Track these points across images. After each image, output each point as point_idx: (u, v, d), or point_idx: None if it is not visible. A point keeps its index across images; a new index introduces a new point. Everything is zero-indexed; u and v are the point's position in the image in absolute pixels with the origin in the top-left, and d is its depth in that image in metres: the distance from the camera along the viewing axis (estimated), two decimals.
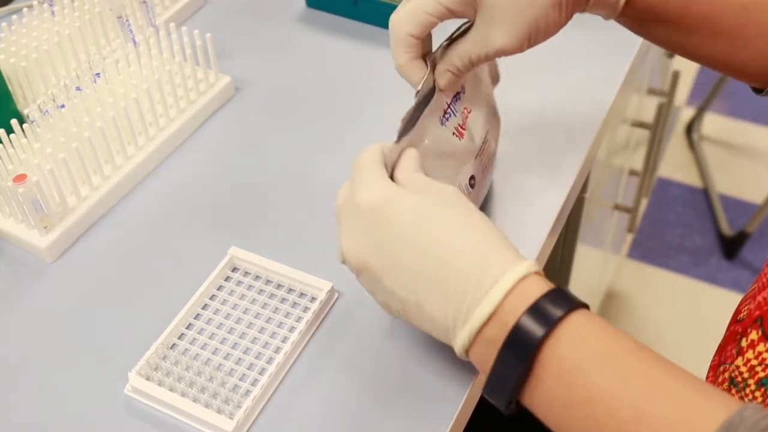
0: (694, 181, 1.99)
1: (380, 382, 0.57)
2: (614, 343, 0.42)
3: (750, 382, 0.49)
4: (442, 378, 0.56)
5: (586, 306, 0.43)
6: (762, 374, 0.48)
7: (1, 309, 0.63)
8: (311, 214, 0.69)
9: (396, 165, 0.51)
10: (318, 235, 0.67)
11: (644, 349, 0.42)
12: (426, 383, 0.56)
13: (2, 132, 0.66)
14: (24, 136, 0.67)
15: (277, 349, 0.58)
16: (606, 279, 1.62)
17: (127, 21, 0.80)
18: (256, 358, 0.58)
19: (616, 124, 1.02)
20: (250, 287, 0.63)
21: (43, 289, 0.64)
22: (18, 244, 0.67)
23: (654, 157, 1.38)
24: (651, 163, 1.37)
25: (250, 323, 0.60)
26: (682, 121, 2.12)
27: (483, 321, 0.43)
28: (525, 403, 0.44)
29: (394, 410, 0.55)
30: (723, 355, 0.54)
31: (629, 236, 1.78)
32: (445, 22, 0.55)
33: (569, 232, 1.00)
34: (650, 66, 1.19)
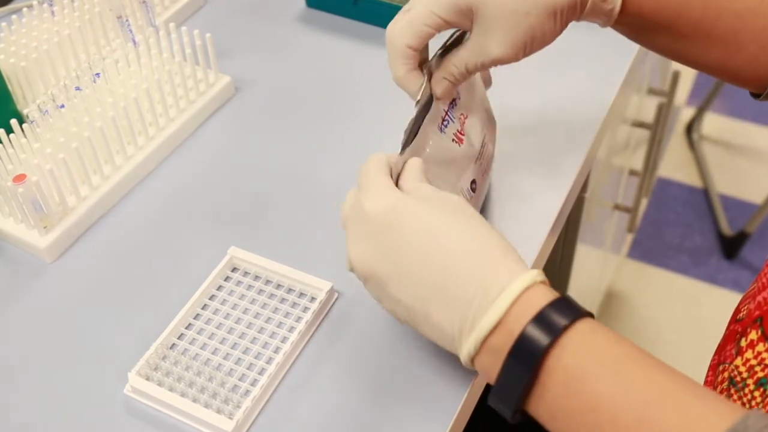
0: (694, 181, 1.99)
1: (380, 382, 0.57)
2: (618, 351, 0.42)
3: (749, 382, 0.49)
4: (442, 378, 0.56)
5: (591, 315, 0.44)
6: (761, 374, 0.48)
7: (1, 309, 0.63)
8: (311, 214, 0.69)
9: (401, 175, 0.52)
10: (318, 235, 0.67)
11: (648, 357, 0.42)
12: (426, 383, 0.56)
13: (2, 132, 0.66)
14: (24, 136, 0.67)
15: (277, 349, 0.58)
16: (606, 279, 1.62)
17: (127, 21, 0.80)
18: (256, 358, 0.58)
19: (616, 124, 1.02)
20: (249, 287, 0.63)
21: (43, 289, 0.64)
22: (18, 244, 0.67)
23: (654, 157, 1.38)
24: (651, 163, 1.37)
25: (250, 323, 0.60)
26: (682, 121, 2.12)
27: (489, 330, 0.43)
28: (530, 411, 0.44)
29: (393, 410, 0.55)
30: (722, 354, 0.54)
31: (629, 236, 1.78)
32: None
33: (569, 232, 1.00)
34: (650, 66, 1.19)
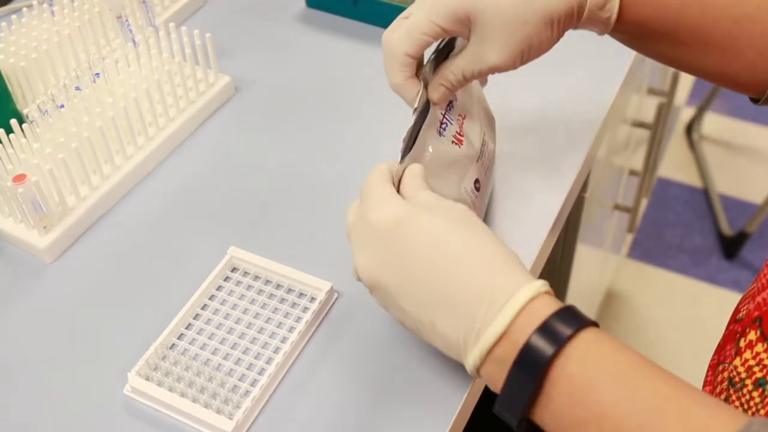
0: (694, 181, 1.99)
1: (380, 382, 0.57)
2: (622, 360, 0.42)
3: (747, 382, 0.49)
4: (442, 378, 0.56)
5: (595, 324, 0.44)
6: (759, 374, 0.48)
7: (1, 309, 0.63)
8: (311, 214, 0.69)
9: (401, 182, 0.52)
10: (317, 235, 0.67)
11: (651, 365, 0.42)
12: (426, 383, 0.56)
13: (2, 132, 0.66)
14: (23, 136, 0.66)
15: (277, 349, 0.58)
16: (606, 279, 1.62)
17: (127, 21, 0.80)
18: (256, 359, 0.58)
19: (616, 124, 1.02)
20: (249, 287, 0.63)
21: (43, 289, 0.64)
22: (17, 244, 0.67)
23: (654, 157, 1.38)
24: (651, 163, 1.37)
25: (250, 323, 0.60)
26: (682, 121, 2.12)
27: (494, 341, 0.43)
28: (536, 420, 0.44)
29: (393, 410, 0.55)
30: (722, 354, 0.54)
31: (629, 236, 1.78)
32: None
33: (569, 231, 1.00)
34: (650, 66, 1.19)
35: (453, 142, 0.58)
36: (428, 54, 0.58)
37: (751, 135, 2.09)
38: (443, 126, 0.57)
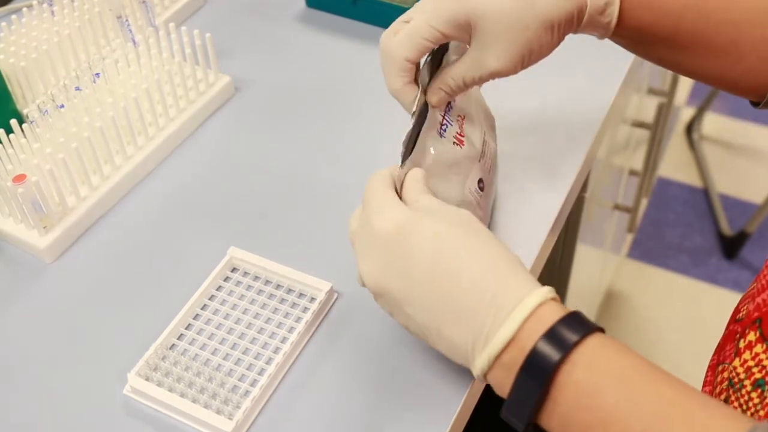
0: (694, 181, 1.99)
1: (379, 383, 0.57)
2: (627, 365, 0.43)
3: (746, 383, 0.49)
4: (441, 378, 0.56)
5: (601, 329, 0.44)
6: (758, 375, 0.48)
7: (1, 309, 0.63)
8: (311, 214, 0.69)
9: (403, 187, 0.52)
10: (317, 235, 0.67)
11: (656, 370, 0.43)
12: (425, 383, 0.56)
13: (2, 132, 0.66)
14: (23, 136, 0.66)
15: (276, 350, 0.58)
16: (606, 279, 1.62)
17: (127, 21, 0.80)
18: (255, 359, 0.58)
19: (616, 124, 1.02)
20: (249, 287, 0.63)
21: (43, 289, 0.64)
22: (17, 244, 0.67)
23: (654, 157, 1.38)
24: (651, 163, 1.37)
25: (250, 323, 0.60)
26: (682, 121, 2.12)
27: (502, 346, 0.44)
28: (543, 425, 0.45)
29: (393, 410, 0.55)
30: (721, 354, 0.54)
31: (629, 236, 1.78)
32: None
33: (569, 231, 1.00)
34: (650, 66, 1.18)
35: (454, 142, 0.58)
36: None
37: (751, 135, 2.09)
38: (443, 127, 0.57)
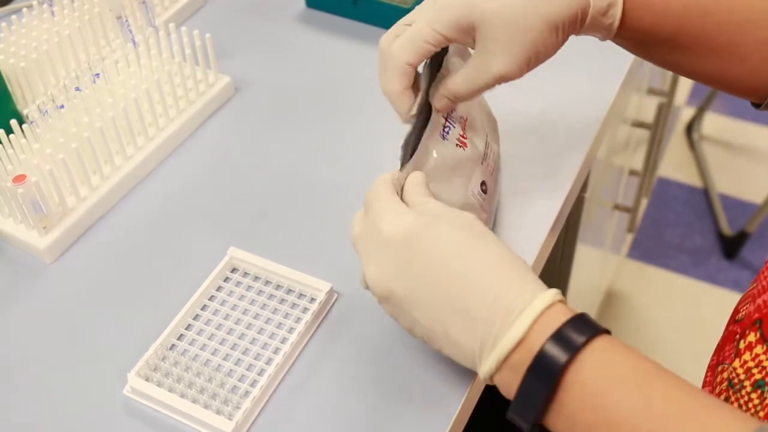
0: (694, 181, 1.99)
1: (379, 383, 0.57)
2: (635, 367, 0.43)
3: (746, 383, 0.49)
4: (441, 378, 0.56)
5: (608, 331, 0.45)
6: (758, 376, 0.48)
7: (1, 309, 0.63)
8: (311, 214, 0.69)
9: (404, 191, 0.52)
10: (317, 236, 0.67)
11: (663, 371, 0.43)
12: (425, 383, 0.56)
13: (2, 132, 0.66)
14: (23, 137, 0.67)
15: (276, 350, 0.58)
16: (606, 279, 1.62)
17: (127, 21, 0.80)
18: (255, 359, 0.58)
19: (616, 124, 1.02)
20: (249, 288, 0.63)
21: (43, 289, 0.64)
22: (17, 244, 0.67)
23: (654, 157, 1.38)
24: (651, 163, 1.37)
25: (249, 324, 0.60)
26: (682, 121, 2.12)
27: (511, 348, 0.44)
28: (548, 425, 0.45)
29: (393, 410, 0.55)
30: (721, 355, 0.54)
31: (629, 236, 1.78)
32: None
33: (569, 231, 1.00)
34: (650, 66, 1.18)
35: (457, 144, 0.57)
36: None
37: (751, 135, 2.09)
38: (446, 129, 0.57)
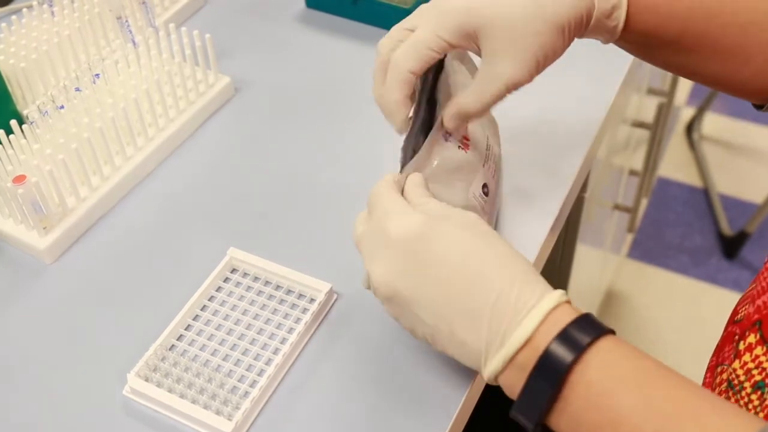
0: (694, 181, 1.99)
1: (379, 383, 0.57)
2: (640, 367, 0.43)
3: (746, 385, 0.49)
4: (441, 378, 0.56)
5: (612, 331, 0.45)
6: (758, 377, 0.48)
7: (1, 309, 0.63)
8: (311, 214, 0.69)
9: (404, 192, 0.52)
10: (317, 236, 0.67)
11: (668, 371, 0.43)
12: (425, 383, 0.56)
13: (2, 133, 0.66)
14: (23, 137, 0.67)
15: (276, 351, 0.58)
16: (606, 279, 1.62)
17: (127, 22, 0.80)
18: (255, 360, 0.58)
19: (616, 124, 1.02)
20: (248, 288, 0.63)
21: (42, 289, 0.64)
22: (17, 245, 0.67)
23: (654, 157, 1.38)
24: (651, 163, 1.37)
25: (249, 324, 0.60)
26: (682, 121, 2.12)
27: (518, 347, 0.44)
28: (552, 425, 0.45)
29: (393, 411, 0.55)
30: (720, 356, 0.54)
31: (629, 236, 1.78)
32: None
33: (569, 231, 1.00)
34: (650, 66, 1.18)
35: (459, 147, 0.57)
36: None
37: (751, 135, 2.09)
38: (448, 131, 0.57)
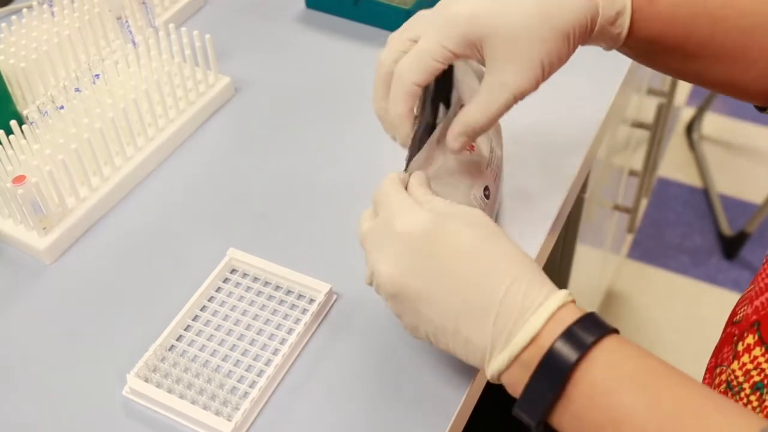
0: (694, 181, 1.99)
1: (379, 383, 0.57)
2: (643, 366, 0.44)
3: (745, 386, 0.49)
4: (441, 378, 0.56)
5: (617, 330, 0.45)
6: (757, 378, 0.48)
7: (1, 310, 0.63)
8: (310, 215, 0.69)
9: (407, 190, 0.52)
10: (317, 237, 0.67)
11: (671, 370, 0.43)
12: (425, 383, 0.56)
13: (2, 133, 0.66)
14: (23, 138, 0.67)
15: (275, 351, 0.58)
16: (606, 279, 1.62)
17: (127, 22, 0.80)
18: (254, 360, 0.58)
19: (616, 124, 1.02)
20: (248, 289, 0.63)
21: (42, 290, 0.64)
22: (17, 245, 0.67)
23: (654, 157, 1.38)
24: (651, 163, 1.37)
25: (249, 325, 0.60)
26: (682, 121, 2.11)
27: (524, 345, 0.44)
28: (554, 423, 0.45)
29: (392, 411, 0.55)
30: (719, 357, 0.54)
31: (629, 236, 1.78)
32: None
33: (569, 232, 1.00)
34: None
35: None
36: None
37: (751, 135, 2.09)
38: None
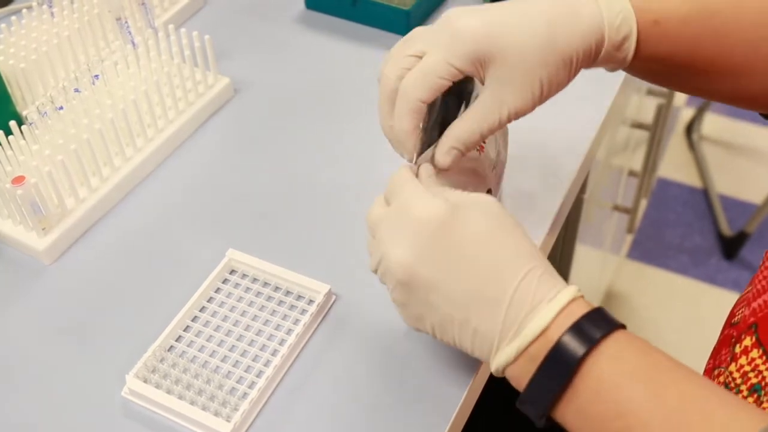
0: (694, 181, 1.99)
1: (378, 383, 0.57)
2: (650, 361, 0.44)
3: (743, 387, 0.49)
4: (441, 378, 0.56)
5: (624, 326, 0.45)
6: (754, 380, 0.48)
7: (0, 310, 0.63)
8: (310, 215, 0.69)
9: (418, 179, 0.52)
10: (316, 237, 0.67)
11: (678, 366, 0.43)
12: (424, 383, 0.56)
13: (1, 134, 0.66)
14: (22, 138, 0.67)
15: (275, 352, 0.58)
16: (606, 279, 1.62)
17: (126, 23, 0.80)
18: (254, 361, 0.58)
19: (615, 125, 1.02)
20: (247, 290, 0.63)
21: (42, 290, 0.64)
22: (16, 245, 0.67)
23: (653, 158, 1.38)
24: (650, 163, 1.37)
25: (248, 326, 0.60)
26: (682, 121, 2.11)
27: (533, 338, 0.44)
28: (557, 416, 0.45)
29: (392, 411, 0.55)
30: (717, 358, 0.54)
31: (629, 236, 1.78)
32: None
33: (568, 232, 1.00)
34: None
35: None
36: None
37: (751, 135, 2.09)
38: None
